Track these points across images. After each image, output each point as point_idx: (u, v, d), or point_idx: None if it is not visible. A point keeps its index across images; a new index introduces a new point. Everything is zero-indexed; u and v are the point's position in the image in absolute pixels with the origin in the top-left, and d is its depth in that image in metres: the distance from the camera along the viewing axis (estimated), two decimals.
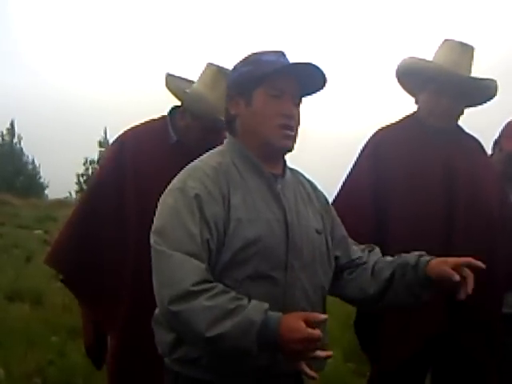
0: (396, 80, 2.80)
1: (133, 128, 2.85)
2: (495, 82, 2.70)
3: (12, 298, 6.83)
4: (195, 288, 1.68)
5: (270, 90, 1.91)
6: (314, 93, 2.01)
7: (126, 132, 2.84)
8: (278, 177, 1.97)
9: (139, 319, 2.45)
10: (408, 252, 2.54)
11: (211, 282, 1.73)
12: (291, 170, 2.07)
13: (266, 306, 1.69)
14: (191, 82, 2.86)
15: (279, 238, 1.86)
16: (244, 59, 2.01)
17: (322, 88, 1.99)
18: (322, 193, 2.16)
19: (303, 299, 1.89)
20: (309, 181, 2.14)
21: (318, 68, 1.91)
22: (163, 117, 2.83)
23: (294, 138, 1.94)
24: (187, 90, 2.75)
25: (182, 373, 1.86)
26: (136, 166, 2.71)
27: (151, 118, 2.90)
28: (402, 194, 2.63)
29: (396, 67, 2.77)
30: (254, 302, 1.70)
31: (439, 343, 2.59)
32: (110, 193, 2.74)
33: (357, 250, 2.15)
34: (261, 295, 1.79)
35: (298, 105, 1.96)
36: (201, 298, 1.67)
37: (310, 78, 1.94)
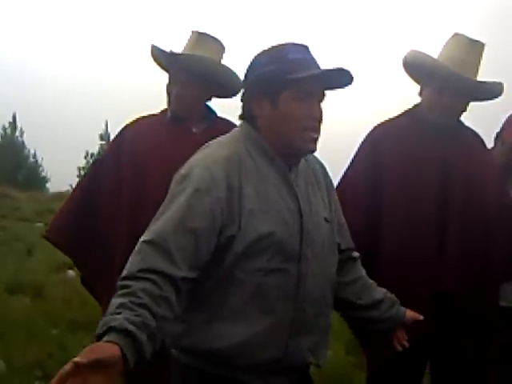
0: (403, 69, 2.78)
1: (138, 117, 2.95)
2: (501, 84, 2.68)
3: (13, 291, 6.85)
4: (120, 282, 1.64)
5: (297, 93, 1.86)
6: (339, 88, 1.97)
7: (132, 120, 2.95)
8: (291, 165, 1.94)
9: None
10: (401, 250, 2.57)
11: (143, 278, 1.62)
12: None
13: (120, 325, 1.49)
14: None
15: (293, 228, 1.85)
16: (267, 54, 1.93)
17: (346, 86, 1.96)
18: (329, 176, 2.14)
19: (314, 289, 1.88)
20: (320, 164, 2.11)
21: (348, 72, 1.88)
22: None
23: (317, 140, 1.92)
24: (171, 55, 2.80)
25: (191, 365, 1.84)
26: (133, 144, 2.80)
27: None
28: (397, 190, 2.62)
29: (403, 58, 2.75)
30: (119, 316, 1.52)
31: (435, 340, 2.58)
32: (107, 170, 2.86)
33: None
34: (273, 286, 1.79)
35: (321, 102, 1.93)
36: (118, 292, 1.62)
37: (339, 80, 1.91)
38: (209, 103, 2.89)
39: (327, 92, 1.93)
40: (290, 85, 1.86)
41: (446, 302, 2.55)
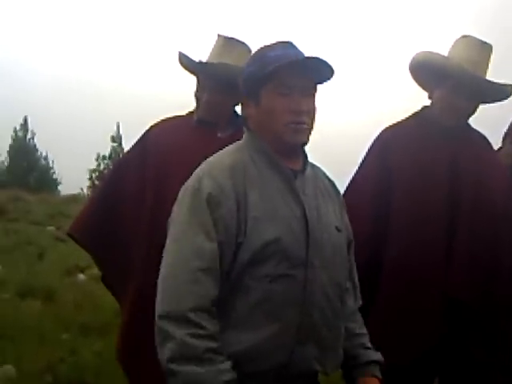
0: (409, 72, 2.76)
1: (164, 118, 2.97)
2: (511, 85, 2.67)
3: (24, 295, 6.89)
4: (190, 315, 1.70)
5: (277, 88, 1.87)
6: (322, 82, 1.96)
7: (157, 121, 2.96)
8: (297, 173, 1.94)
9: (148, 297, 2.43)
10: (410, 253, 2.55)
11: (208, 311, 1.72)
12: (312, 165, 2.03)
13: (227, 378, 1.69)
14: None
15: (299, 235, 1.84)
16: (251, 57, 1.98)
17: (329, 78, 1.95)
18: (339, 192, 2.14)
19: (323, 297, 1.87)
20: (328, 178, 2.11)
21: (322, 60, 1.87)
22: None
23: (306, 131, 1.91)
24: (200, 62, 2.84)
25: None
26: (158, 145, 2.82)
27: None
28: (407, 193, 2.60)
29: (411, 59, 2.72)
30: (222, 366, 1.71)
31: (444, 344, 2.55)
32: (131, 170, 2.87)
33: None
34: (280, 293, 1.79)
35: (310, 95, 1.92)
36: (185, 329, 1.69)
37: (317, 69, 1.90)
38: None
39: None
40: (268, 79, 1.87)
41: (455, 305, 2.54)
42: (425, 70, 2.70)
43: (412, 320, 2.53)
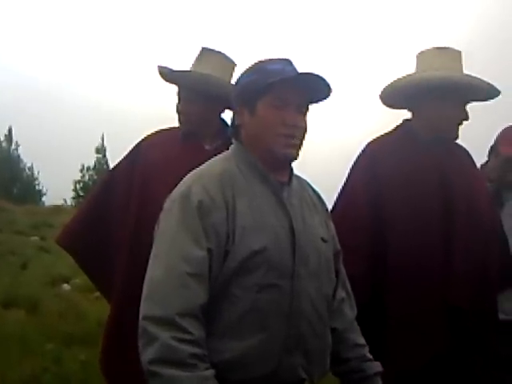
0: (385, 105, 2.80)
1: (157, 130, 2.97)
2: (497, 90, 2.69)
3: (8, 305, 6.85)
4: (177, 319, 1.69)
5: (274, 101, 1.90)
6: (320, 101, 2.02)
7: (150, 133, 2.96)
8: (284, 184, 1.96)
9: (130, 304, 2.42)
10: (408, 262, 2.56)
11: (195, 316, 1.72)
12: (297, 177, 2.07)
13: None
14: None
15: (285, 246, 1.86)
16: (249, 68, 2.01)
17: (326, 97, 2.00)
18: (325, 203, 2.16)
19: (309, 307, 1.88)
20: (314, 190, 2.14)
21: (321, 78, 1.91)
22: None
23: (297, 147, 1.94)
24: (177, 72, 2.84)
25: None
26: (146, 156, 2.81)
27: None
28: (400, 206, 2.61)
29: (382, 93, 2.76)
30: (206, 373, 1.70)
31: (447, 355, 2.57)
32: (120, 181, 2.87)
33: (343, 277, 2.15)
34: (267, 303, 1.80)
35: (303, 113, 1.96)
36: (170, 332, 1.68)
37: (315, 88, 1.94)
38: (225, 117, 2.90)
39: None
40: (266, 91, 1.90)
41: (456, 314, 2.55)
42: (401, 96, 2.71)
43: (417, 329, 2.53)
